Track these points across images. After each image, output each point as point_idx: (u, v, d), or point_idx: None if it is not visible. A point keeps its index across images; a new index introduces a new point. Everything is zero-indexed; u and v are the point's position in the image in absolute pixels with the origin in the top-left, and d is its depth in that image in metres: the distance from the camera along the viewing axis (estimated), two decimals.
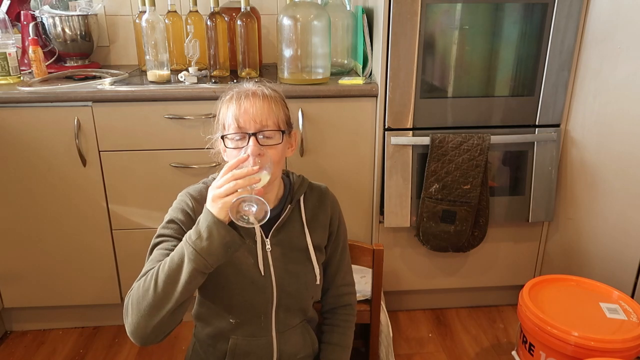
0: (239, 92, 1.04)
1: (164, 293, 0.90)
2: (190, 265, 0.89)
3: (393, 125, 1.76)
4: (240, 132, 1.00)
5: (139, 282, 0.95)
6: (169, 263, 0.92)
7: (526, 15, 1.68)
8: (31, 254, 1.83)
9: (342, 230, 1.21)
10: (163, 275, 0.91)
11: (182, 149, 1.74)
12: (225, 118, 1.03)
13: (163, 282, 0.90)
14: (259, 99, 1.02)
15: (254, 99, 1.02)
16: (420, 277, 2.01)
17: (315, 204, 1.16)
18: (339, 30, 1.91)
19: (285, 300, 1.11)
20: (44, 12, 1.98)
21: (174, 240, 1.01)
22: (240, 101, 1.01)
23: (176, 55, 2.02)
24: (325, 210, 1.17)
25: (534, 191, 1.87)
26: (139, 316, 0.92)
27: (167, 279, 0.90)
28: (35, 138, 1.70)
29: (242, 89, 1.04)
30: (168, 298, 0.90)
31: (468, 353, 1.87)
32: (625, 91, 1.59)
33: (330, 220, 1.18)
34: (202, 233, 0.89)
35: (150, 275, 0.93)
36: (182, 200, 1.07)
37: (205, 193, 1.04)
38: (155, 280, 0.91)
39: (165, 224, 1.05)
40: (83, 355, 1.86)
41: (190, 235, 0.91)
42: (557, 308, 1.49)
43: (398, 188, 1.82)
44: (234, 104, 1.02)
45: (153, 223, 1.82)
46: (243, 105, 1.01)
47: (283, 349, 1.14)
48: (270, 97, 1.04)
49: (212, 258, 0.90)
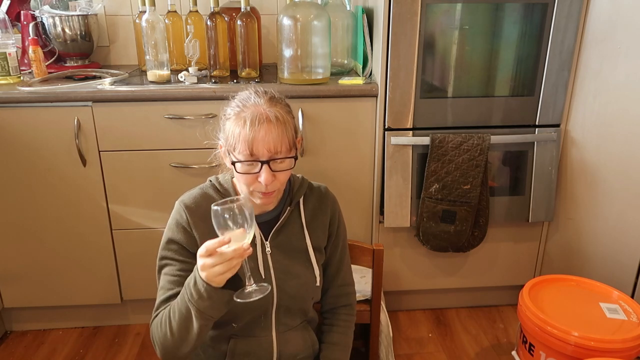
0: (252, 115, 0.98)
1: (180, 339, 0.98)
2: (198, 322, 0.94)
3: (393, 125, 1.76)
4: (253, 160, 0.98)
5: (157, 322, 1.01)
6: (178, 315, 0.96)
7: (526, 15, 1.68)
8: (31, 254, 1.83)
9: (341, 230, 1.21)
10: (176, 325, 0.97)
11: (182, 149, 1.74)
12: (236, 139, 0.99)
13: (177, 331, 0.97)
14: (273, 126, 0.98)
15: (268, 125, 0.97)
16: (420, 277, 2.01)
17: (315, 205, 1.16)
18: (339, 30, 1.91)
19: (286, 302, 1.11)
20: (44, 12, 1.98)
21: (177, 264, 1.05)
22: (253, 127, 0.97)
23: (176, 55, 2.02)
24: (325, 211, 1.16)
25: (534, 191, 1.87)
26: (166, 352, 1.01)
27: (180, 328, 0.97)
28: (35, 138, 1.70)
29: (255, 111, 0.98)
30: (186, 340, 0.98)
31: (468, 353, 1.87)
32: (625, 91, 1.59)
33: (330, 220, 1.17)
34: (202, 294, 0.91)
35: (165, 322, 0.99)
36: (177, 212, 1.07)
37: (201, 200, 1.07)
38: (170, 328, 0.98)
39: (165, 245, 1.06)
40: (83, 355, 1.86)
41: (192, 292, 0.93)
42: (557, 308, 1.49)
43: (398, 188, 1.82)
44: (247, 129, 0.97)
45: (153, 223, 1.82)
46: (257, 132, 0.97)
47: (283, 349, 1.14)
48: (282, 120, 0.99)
49: (217, 312, 0.95)
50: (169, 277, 1.04)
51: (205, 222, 1.06)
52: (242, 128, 0.98)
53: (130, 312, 2.02)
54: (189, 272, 1.03)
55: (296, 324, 1.16)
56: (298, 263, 1.12)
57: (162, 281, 1.06)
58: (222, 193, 1.09)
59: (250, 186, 1.01)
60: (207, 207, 1.07)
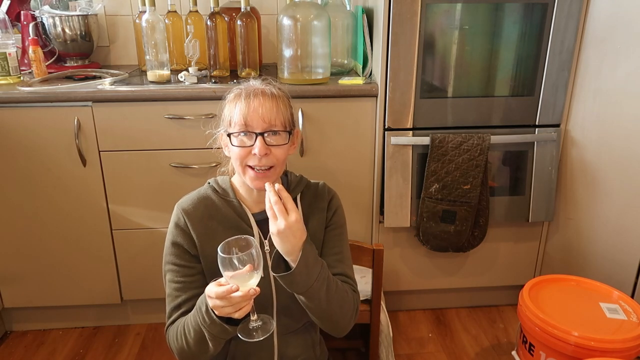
0: (247, 90, 1.03)
1: (199, 351, 1.01)
2: (211, 343, 0.98)
3: (393, 125, 1.76)
4: (248, 131, 1.00)
5: (173, 335, 1.04)
6: (194, 333, 0.99)
7: (526, 15, 1.68)
8: (31, 254, 1.83)
9: (339, 219, 1.16)
10: (192, 342, 1.00)
11: (182, 149, 1.74)
12: (232, 115, 1.02)
13: (194, 346, 1.00)
14: (267, 98, 1.01)
15: (263, 98, 1.01)
16: (420, 277, 2.01)
17: (311, 200, 1.15)
18: (339, 30, 1.91)
19: (286, 302, 1.10)
20: (44, 12, 1.98)
21: (180, 269, 1.07)
22: (249, 99, 1.01)
23: (176, 55, 2.02)
24: (321, 203, 1.15)
25: (534, 191, 1.87)
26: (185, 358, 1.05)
27: (196, 344, 1.00)
28: (35, 138, 1.70)
29: (250, 87, 1.04)
30: (205, 352, 1.00)
31: (468, 353, 1.87)
32: (625, 91, 1.59)
33: (327, 210, 1.15)
34: (214, 320, 0.94)
35: (181, 337, 1.01)
36: (176, 216, 1.09)
37: (199, 203, 1.08)
38: (187, 343, 1.01)
39: (169, 248, 1.08)
40: (83, 355, 1.86)
41: (204, 317, 0.95)
42: (557, 308, 1.49)
43: (398, 188, 1.82)
44: (242, 102, 1.01)
45: (153, 223, 1.82)
46: (252, 104, 1.00)
47: (284, 352, 1.13)
48: (278, 96, 1.03)
49: (229, 335, 0.97)
50: (174, 285, 1.06)
51: (203, 224, 1.07)
52: (237, 102, 1.02)
53: (130, 312, 2.02)
54: (191, 276, 1.06)
55: (298, 326, 1.15)
56: None
57: (168, 288, 1.08)
58: (220, 194, 1.10)
59: (244, 160, 1.02)
60: (204, 209, 1.08)
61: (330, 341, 1.34)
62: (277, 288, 1.09)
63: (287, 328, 1.13)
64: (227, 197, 1.09)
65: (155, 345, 1.91)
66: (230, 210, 1.08)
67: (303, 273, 0.97)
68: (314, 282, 0.98)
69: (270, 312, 1.10)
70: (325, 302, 1.02)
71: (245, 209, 1.09)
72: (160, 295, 1.17)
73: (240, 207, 1.09)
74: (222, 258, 0.89)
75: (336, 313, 1.05)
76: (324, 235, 1.15)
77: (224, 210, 1.08)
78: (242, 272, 0.89)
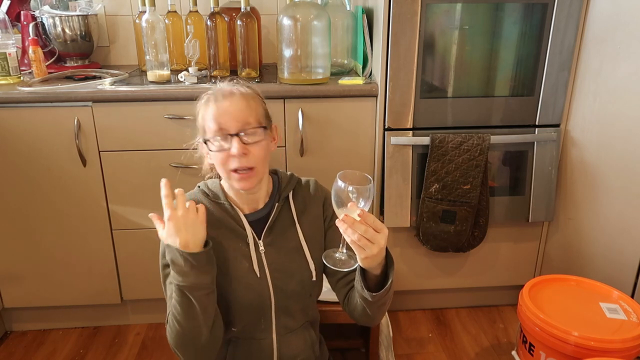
0: (216, 93, 1.03)
1: (192, 327, 0.98)
2: (197, 302, 0.96)
3: (393, 125, 1.76)
4: (222, 134, 1.00)
5: (169, 329, 1.02)
6: (180, 306, 0.97)
7: (526, 15, 1.68)
8: (31, 254, 1.83)
9: None
10: (181, 317, 0.98)
11: (182, 149, 1.74)
12: (205, 121, 1.02)
13: (185, 320, 0.98)
14: (237, 97, 1.01)
15: (232, 98, 1.01)
16: (420, 277, 2.01)
17: (305, 197, 1.14)
18: (339, 30, 1.91)
19: (284, 302, 1.10)
20: (44, 12, 1.98)
21: None
22: (218, 102, 1.01)
23: (176, 55, 2.02)
24: (316, 198, 1.15)
25: (534, 191, 1.87)
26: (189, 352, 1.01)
27: (186, 316, 0.97)
28: (35, 138, 1.70)
29: (219, 90, 1.04)
30: (197, 324, 0.98)
31: (468, 353, 1.87)
32: (625, 91, 1.59)
33: (324, 205, 1.15)
34: (181, 263, 0.95)
35: (172, 322, 0.99)
36: None
37: (199, 198, 1.09)
38: (179, 323, 0.98)
39: (163, 252, 1.07)
40: (83, 355, 1.86)
41: (174, 274, 0.97)
42: (557, 308, 1.49)
43: (398, 188, 1.82)
44: (213, 106, 1.01)
45: (153, 223, 1.81)
46: (222, 105, 1.00)
47: (284, 351, 1.13)
48: (247, 94, 1.03)
49: (204, 276, 0.97)
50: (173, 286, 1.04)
51: None
52: (208, 107, 1.02)
53: (130, 312, 2.02)
54: None
55: (297, 325, 1.15)
56: (293, 259, 1.11)
57: (169, 290, 1.06)
58: (211, 197, 1.10)
59: (227, 165, 1.01)
60: None
61: (331, 341, 1.34)
62: (275, 288, 1.09)
63: (286, 328, 1.13)
64: (218, 199, 1.10)
65: (155, 345, 1.91)
66: (223, 213, 1.09)
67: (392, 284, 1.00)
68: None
69: (269, 313, 1.10)
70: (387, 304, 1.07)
71: (237, 211, 1.09)
72: (160, 295, 1.17)
73: (232, 209, 1.09)
74: (338, 187, 0.90)
75: (384, 311, 1.11)
76: (325, 233, 1.15)
77: (217, 213, 1.08)
78: (353, 204, 0.90)
